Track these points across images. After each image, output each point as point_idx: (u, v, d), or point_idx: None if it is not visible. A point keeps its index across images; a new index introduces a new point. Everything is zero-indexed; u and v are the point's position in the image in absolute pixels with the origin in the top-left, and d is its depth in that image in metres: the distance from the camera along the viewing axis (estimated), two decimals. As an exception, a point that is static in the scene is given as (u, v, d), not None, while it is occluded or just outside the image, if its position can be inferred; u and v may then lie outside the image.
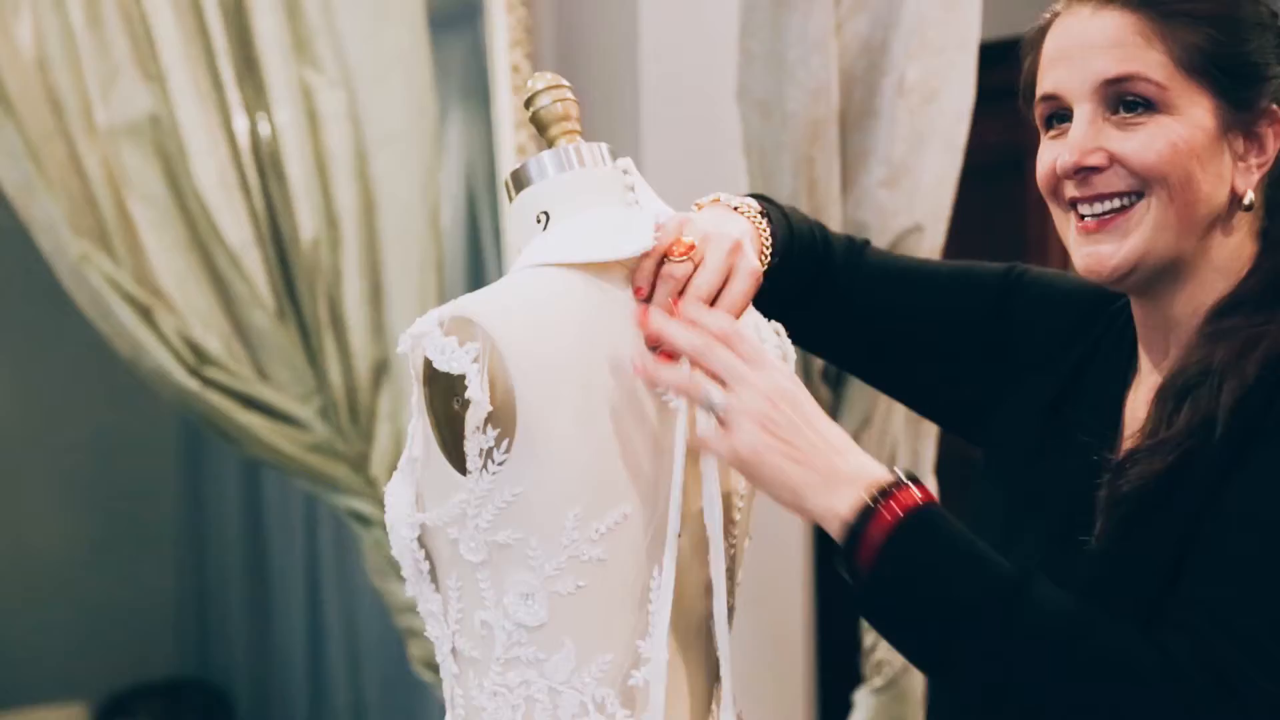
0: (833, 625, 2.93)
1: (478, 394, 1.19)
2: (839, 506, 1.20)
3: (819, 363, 2.42)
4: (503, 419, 1.20)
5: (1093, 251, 1.30)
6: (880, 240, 2.26)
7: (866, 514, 1.19)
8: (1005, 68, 1.89)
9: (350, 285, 2.69)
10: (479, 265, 3.15)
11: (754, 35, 2.22)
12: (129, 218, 2.57)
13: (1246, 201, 1.30)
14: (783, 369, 1.25)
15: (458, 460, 1.22)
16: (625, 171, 1.31)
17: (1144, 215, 1.29)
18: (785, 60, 2.19)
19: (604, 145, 1.34)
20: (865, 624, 2.57)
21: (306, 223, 2.66)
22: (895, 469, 1.23)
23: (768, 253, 1.40)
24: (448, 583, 1.25)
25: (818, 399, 2.48)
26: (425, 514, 1.23)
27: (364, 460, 2.70)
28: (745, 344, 1.24)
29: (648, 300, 1.27)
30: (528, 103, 1.33)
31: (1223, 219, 1.30)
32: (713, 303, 1.28)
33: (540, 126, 1.33)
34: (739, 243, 1.31)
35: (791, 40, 2.18)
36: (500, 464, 1.19)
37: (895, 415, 2.44)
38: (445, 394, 1.25)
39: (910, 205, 2.25)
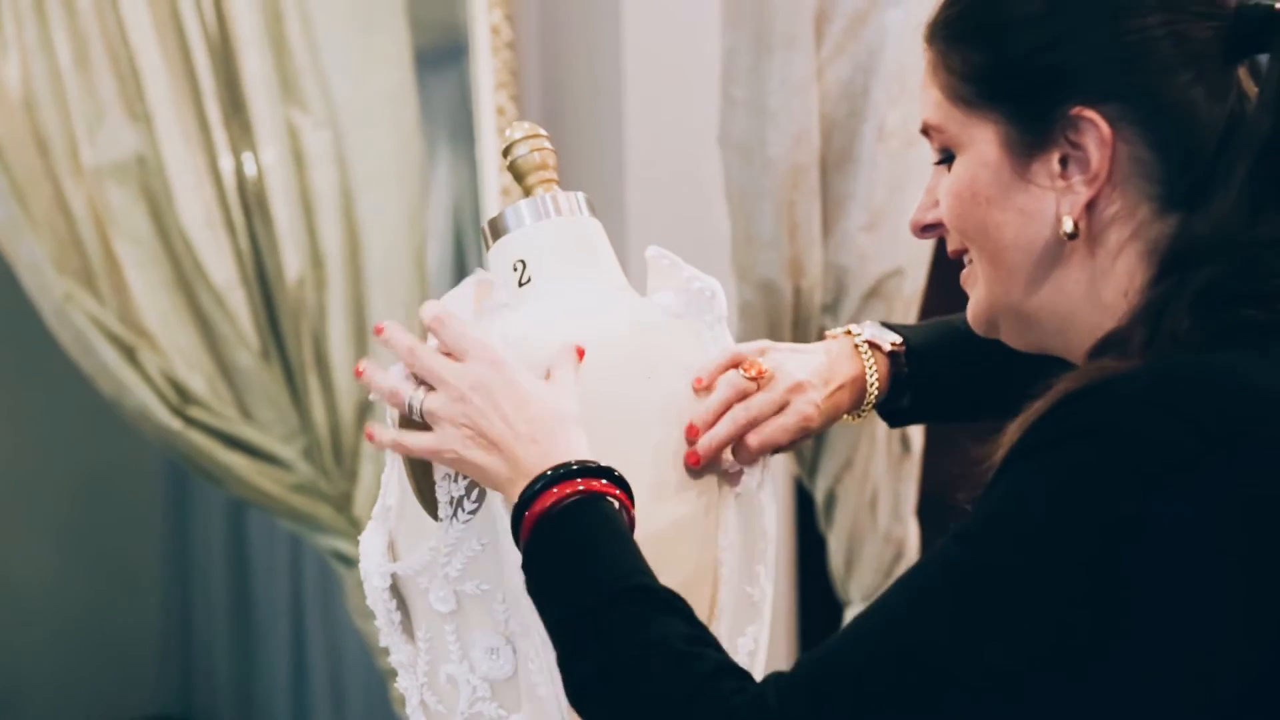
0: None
1: None
2: (515, 499, 1.16)
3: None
4: (475, 468, 1.21)
5: None
6: (861, 284, 2.28)
7: (521, 511, 1.14)
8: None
9: (335, 325, 2.70)
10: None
11: (736, 81, 2.24)
12: (114, 257, 2.58)
13: (1066, 229, 1.07)
14: (488, 353, 1.20)
15: (433, 507, 1.23)
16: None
17: (974, 270, 1.13)
18: (766, 106, 2.21)
19: (581, 194, 1.35)
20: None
21: (292, 262, 2.67)
22: (575, 460, 1.14)
23: (873, 394, 1.35)
24: (419, 634, 1.25)
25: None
26: (397, 564, 1.24)
27: (347, 500, 2.71)
28: (447, 332, 1.21)
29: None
30: (505, 152, 1.34)
31: (1066, 251, 1.08)
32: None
33: (518, 175, 1.34)
34: (801, 383, 1.30)
35: (772, 86, 2.20)
36: (470, 513, 1.20)
37: (876, 459, 2.45)
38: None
39: (891, 249, 2.27)
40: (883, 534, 2.47)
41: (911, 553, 2.47)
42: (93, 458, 3.97)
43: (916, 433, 2.49)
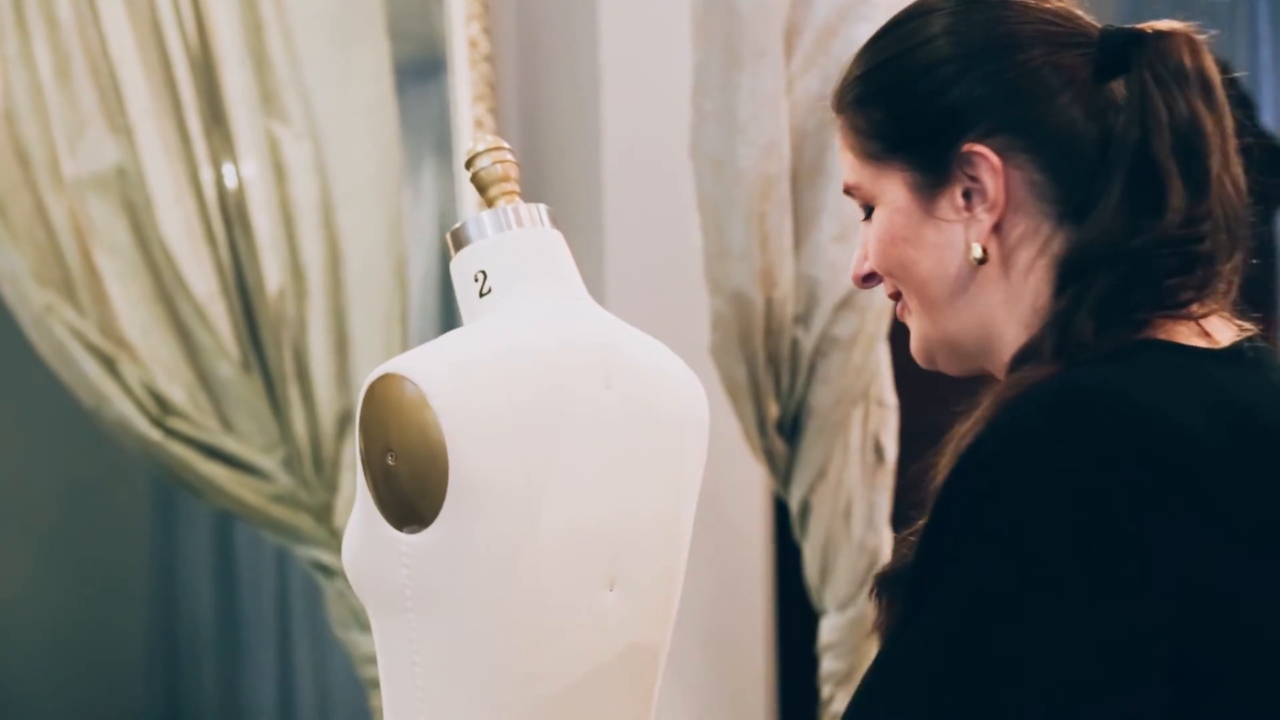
0: (791, 678, 2.94)
1: None
2: None
3: (773, 413, 2.45)
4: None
5: None
6: (832, 295, 2.30)
7: None
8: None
9: (315, 336, 2.71)
10: (450, 313, 3.17)
11: (706, 94, 2.26)
12: (94, 269, 2.59)
13: (975, 255, 1.16)
14: None
15: (391, 515, 1.25)
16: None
17: (907, 310, 1.22)
18: (736, 118, 2.23)
19: (542, 206, 1.37)
20: (823, 677, 2.59)
21: (272, 274, 2.68)
22: None
23: None
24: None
25: (773, 451, 2.53)
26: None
27: (327, 511, 2.72)
28: None
29: None
30: (468, 164, 1.36)
31: (980, 277, 1.17)
32: None
33: (480, 187, 1.36)
34: None
35: (742, 98, 2.22)
36: None
37: (850, 468, 2.47)
38: (381, 449, 1.27)
39: (862, 260, 2.28)
40: (857, 543, 2.49)
41: (886, 561, 2.49)
42: (77, 469, 3.98)
43: (890, 443, 2.51)
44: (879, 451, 2.48)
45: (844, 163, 1.22)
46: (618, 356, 1.33)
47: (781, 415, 2.45)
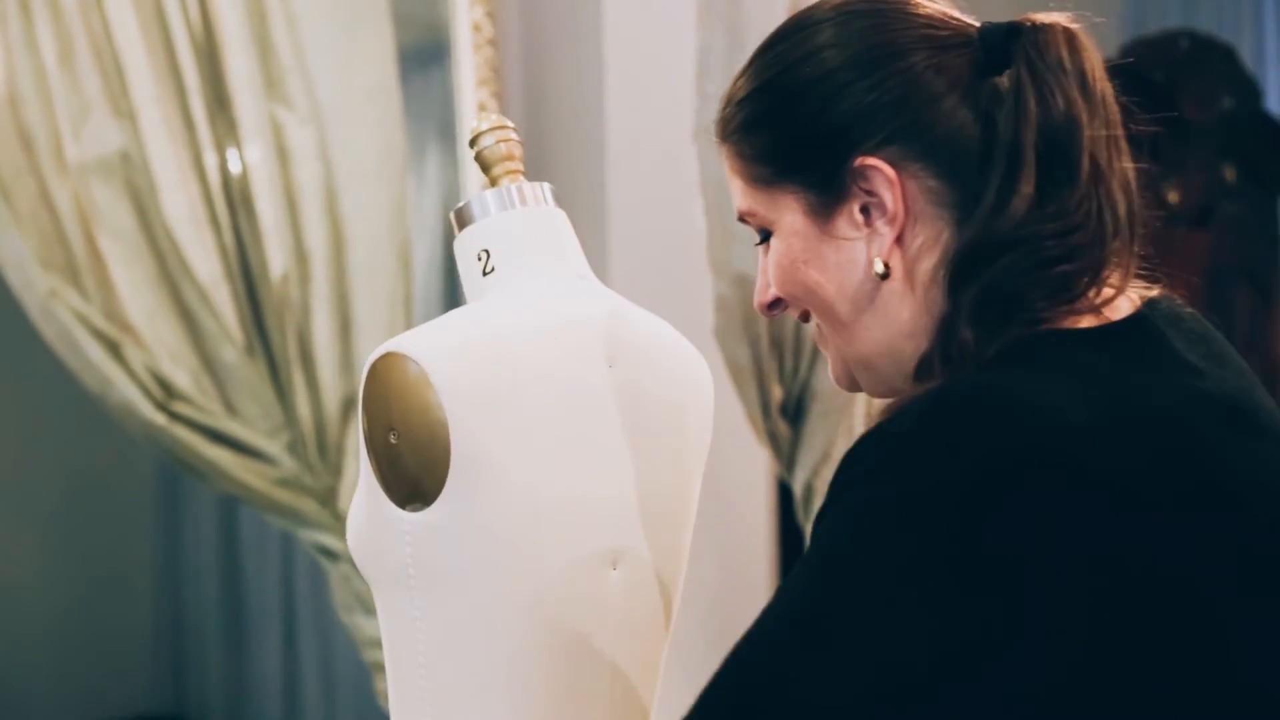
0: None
1: None
2: None
3: (777, 396, 2.45)
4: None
5: None
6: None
7: None
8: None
9: (319, 321, 2.71)
10: (454, 298, 3.18)
11: (710, 77, 2.26)
12: (99, 253, 2.59)
13: (877, 270, 1.13)
14: None
15: (394, 493, 1.25)
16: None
17: (820, 333, 1.21)
18: (741, 101, 2.23)
19: (546, 185, 1.37)
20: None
21: (276, 259, 2.68)
22: None
23: None
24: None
25: (777, 434, 2.53)
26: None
27: (331, 495, 2.72)
28: None
29: None
30: (472, 143, 1.36)
31: (886, 292, 1.14)
32: None
33: (484, 166, 1.36)
34: None
35: (747, 81, 2.22)
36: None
37: (855, 451, 2.47)
38: (384, 428, 1.27)
39: (866, 243, 2.29)
40: (861, 527, 2.49)
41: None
42: (83, 455, 3.99)
43: (894, 426, 2.51)
44: (883, 435, 2.48)
45: (734, 190, 1.19)
46: (621, 335, 1.33)
47: (785, 398, 2.45)
